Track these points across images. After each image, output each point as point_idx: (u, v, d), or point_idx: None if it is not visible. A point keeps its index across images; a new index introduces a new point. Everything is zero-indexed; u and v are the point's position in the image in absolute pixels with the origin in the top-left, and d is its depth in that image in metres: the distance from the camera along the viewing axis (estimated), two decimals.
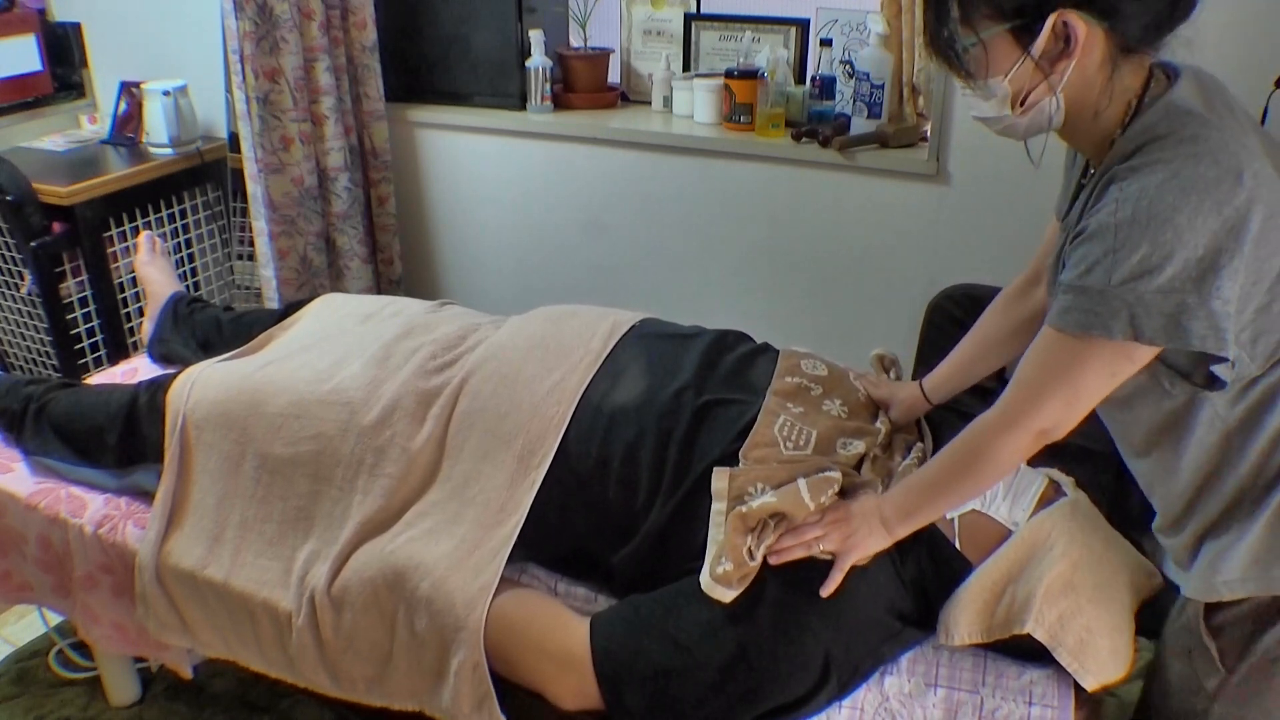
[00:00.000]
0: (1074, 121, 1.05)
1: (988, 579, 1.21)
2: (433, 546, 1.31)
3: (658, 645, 1.18)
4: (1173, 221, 0.92)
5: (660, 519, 1.29)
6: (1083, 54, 0.99)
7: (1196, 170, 0.93)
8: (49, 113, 2.75)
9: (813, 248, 2.22)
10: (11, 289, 2.52)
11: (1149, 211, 0.93)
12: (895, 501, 1.21)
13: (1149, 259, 0.93)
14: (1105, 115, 1.03)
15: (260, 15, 2.18)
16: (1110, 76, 1.01)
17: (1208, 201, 0.92)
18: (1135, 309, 0.94)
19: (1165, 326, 0.94)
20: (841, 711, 1.20)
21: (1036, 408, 1.05)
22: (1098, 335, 0.97)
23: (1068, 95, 1.02)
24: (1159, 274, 0.92)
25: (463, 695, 1.23)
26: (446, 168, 2.56)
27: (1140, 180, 0.95)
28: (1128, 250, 0.93)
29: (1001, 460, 1.11)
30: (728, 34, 2.36)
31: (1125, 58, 1.01)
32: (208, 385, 1.52)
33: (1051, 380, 1.04)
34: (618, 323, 1.53)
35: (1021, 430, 1.07)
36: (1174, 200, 0.92)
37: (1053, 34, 0.98)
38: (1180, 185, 0.93)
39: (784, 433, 1.33)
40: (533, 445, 1.36)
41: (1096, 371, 1.01)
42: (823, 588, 1.18)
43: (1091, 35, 0.98)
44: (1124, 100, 1.02)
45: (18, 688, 1.83)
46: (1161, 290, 0.93)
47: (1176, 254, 0.92)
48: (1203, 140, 0.95)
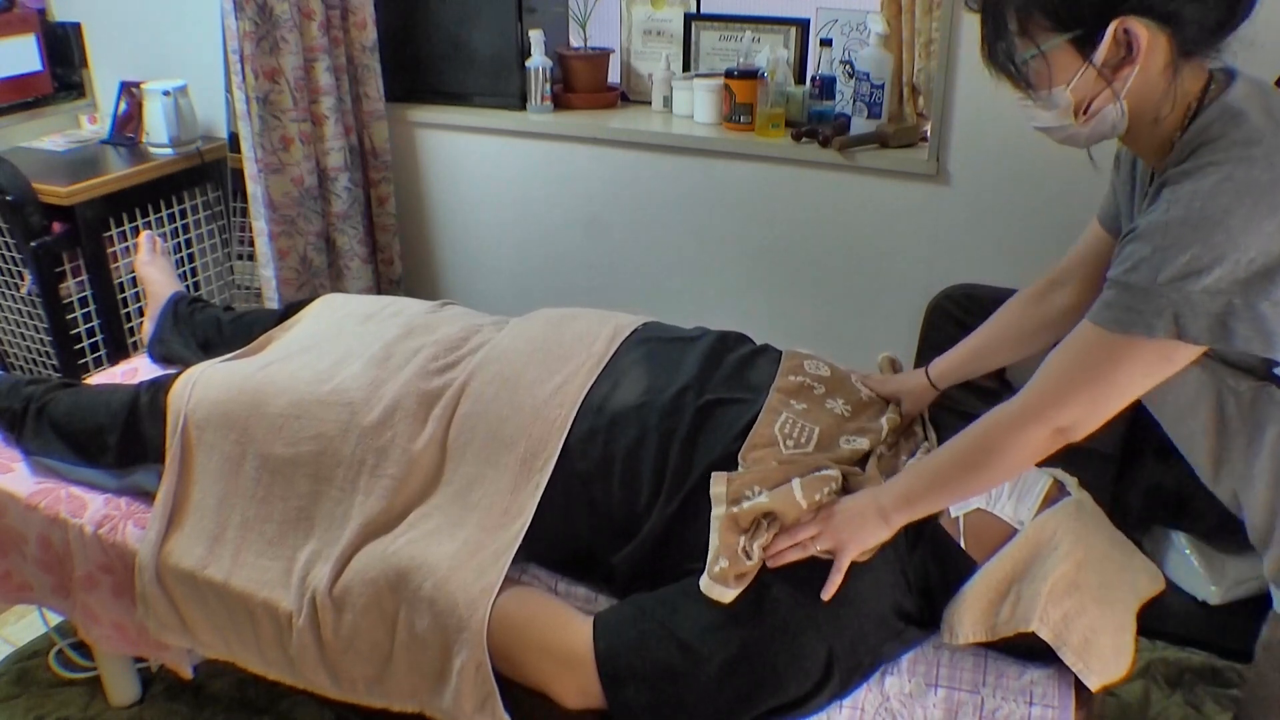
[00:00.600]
0: (1135, 127, 1.05)
1: (992, 578, 1.21)
2: (435, 548, 1.31)
3: (661, 644, 1.18)
4: (1224, 224, 0.92)
5: (662, 519, 1.29)
6: (1145, 60, 0.98)
7: (1250, 174, 0.93)
8: (49, 113, 2.75)
9: (813, 248, 2.22)
10: (11, 289, 2.52)
11: (1201, 213, 0.93)
12: (896, 489, 1.20)
13: (1199, 259, 0.92)
14: (1166, 119, 1.03)
15: (260, 15, 2.18)
16: (1172, 81, 1.00)
17: (1263, 205, 0.92)
18: (1180, 308, 0.94)
19: (1210, 327, 0.94)
20: (842, 711, 1.20)
21: (1061, 403, 1.04)
22: (1138, 334, 0.97)
23: (1130, 101, 1.02)
24: (1207, 275, 0.92)
25: (465, 695, 1.23)
26: (446, 168, 2.56)
27: (1193, 182, 0.95)
28: (1176, 250, 0.93)
29: (1013, 457, 1.10)
30: (728, 34, 2.36)
31: (1186, 61, 1.01)
32: (209, 386, 1.52)
33: (1082, 376, 1.03)
34: (620, 326, 1.53)
35: (1040, 425, 1.06)
36: (1227, 203, 0.92)
37: (1114, 41, 0.98)
38: (1234, 188, 0.93)
39: (785, 430, 1.33)
40: (535, 449, 1.36)
41: (1131, 371, 1.00)
42: (823, 590, 1.18)
43: (1153, 41, 0.98)
44: (1184, 104, 1.02)
45: (18, 688, 1.83)
46: (1209, 291, 0.93)
47: (1227, 256, 0.92)
48: (1257, 144, 0.95)
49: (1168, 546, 1.80)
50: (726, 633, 1.17)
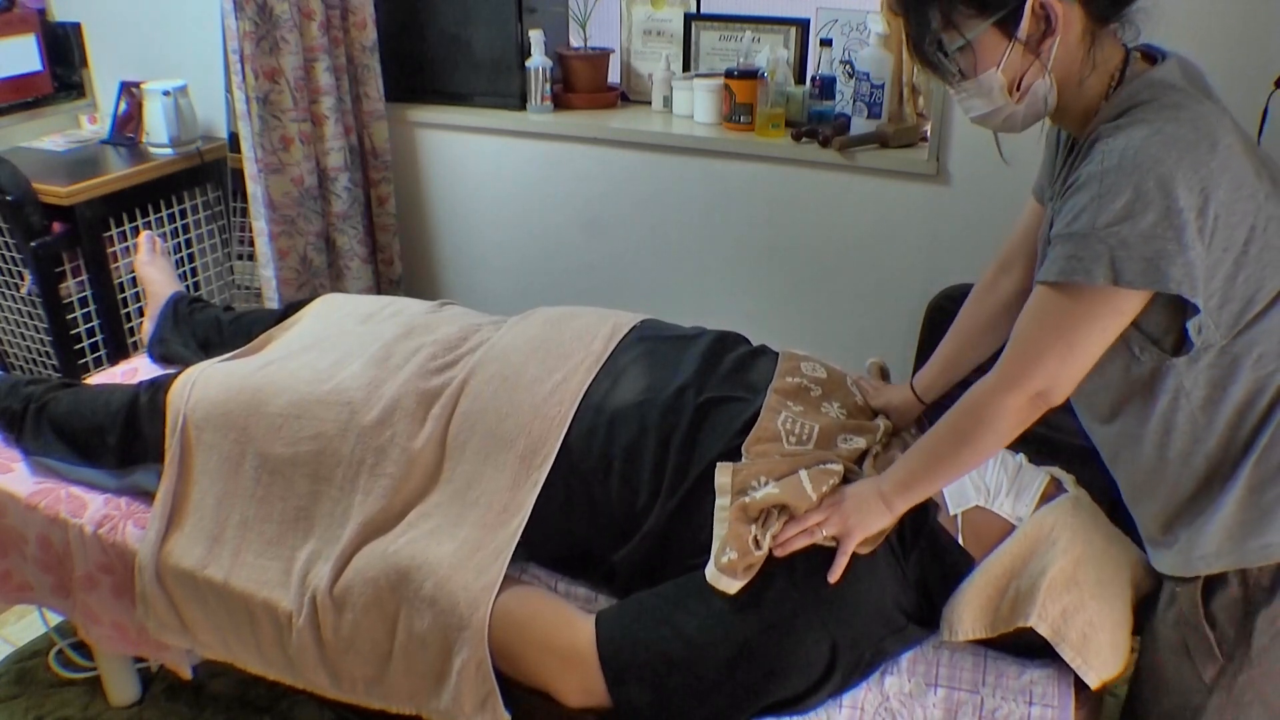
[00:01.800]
0: (1063, 98, 1.09)
1: (991, 574, 1.21)
2: (435, 547, 1.31)
3: (663, 640, 1.18)
4: (1155, 171, 0.96)
5: (662, 517, 1.29)
6: (1064, 30, 1.03)
7: (1178, 131, 0.98)
8: (49, 113, 2.75)
9: (813, 248, 2.22)
10: (11, 289, 2.52)
11: (1134, 160, 0.97)
12: (894, 475, 1.21)
13: (1132, 204, 0.96)
14: (1089, 87, 1.07)
15: (260, 15, 2.18)
16: (1091, 47, 1.05)
17: (1187, 159, 0.96)
18: (1116, 251, 0.97)
19: (1145, 270, 0.97)
20: (842, 711, 1.20)
21: (1033, 366, 1.07)
22: (1080, 281, 1.00)
23: (1056, 73, 1.06)
24: (1141, 219, 0.96)
25: (465, 694, 1.23)
26: (446, 168, 2.55)
27: (1125, 135, 0.99)
28: (1113, 195, 0.97)
29: (1000, 425, 1.11)
30: (728, 34, 2.36)
31: (1101, 28, 1.05)
32: (208, 385, 1.52)
33: (1042, 337, 1.06)
34: (618, 324, 1.53)
35: (1019, 391, 1.08)
36: (1157, 152, 0.96)
37: (1034, 16, 1.02)
38: (1163, 140, 0.97)
39: (787, 426, 1.33)
40: (535, 446, 1.36)
41: (1083, 324, 1.03)
42: (830, 573, 1.19)
43: (1068, 11, 1.03)
44: (1106, 73, 1.07)
45: (18, 688, 1.83)
46: (1144, 235, 0.96)
47: (1157, 202, 0.95)
48: (1184, 108, 1.00)
49: None
50: (729, 628, 1.17)
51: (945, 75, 1.10)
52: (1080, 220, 0.99)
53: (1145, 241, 0.96)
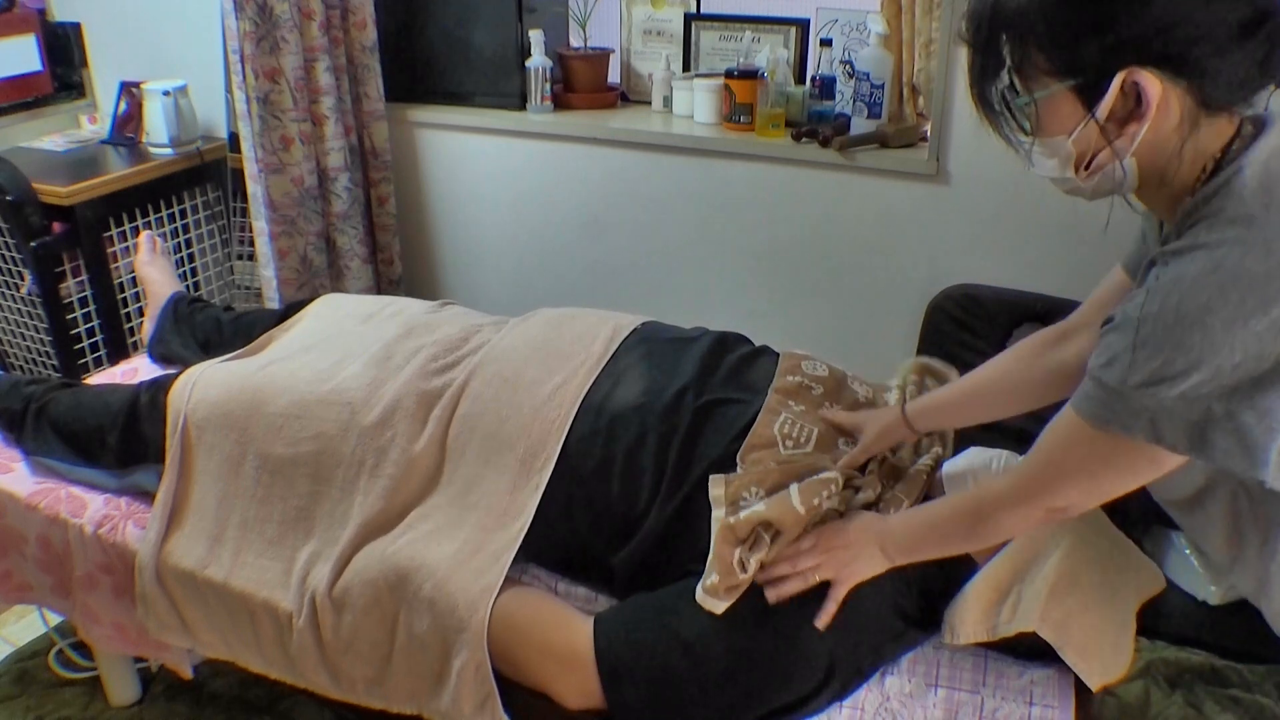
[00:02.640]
0: (1144, 185, 0.95)
1: (993, 577, 1.21)
2: (435, 548, 1.31)
3: (661, 644, 1.18)
4: (1203, 323, 0.81)
5: (660, 519, 1.29)
6: (1157, 115, 0.87)
7: (1243, 262, 0.81)
8: (49, 113, 2.75)
9: (813, 248, 2.22)
10: (11, 289, 2.52)
11: (1178, 309, 0.82)
12: (898, 536, 1.18)
13: (1171, 364, 0.83)
14: (1176, 180, 0.92)
15: (260, 15, 2.18)
16: (1185, 139, 0.89)
17: (1251, 301, 0.80)
18: (1156, 414, 0.85)
19: (1189, 435, 0.84)
20: (842, 712, 1.20)
21: (1052, 491, 0.99)
22: (1117, 432, 0.88)
23: (1139, 158, 0.91)
24: (1181, 381, 0.82)
25: (465, 696, 1.23)
26: (446, 168, 2.56)
27: (1178, 268, 0.84)
28: (1148, 351, 0.84)
29: (1006, 530, 1.08)
30: (728, 34, 2.36)
31: (1208, 117, 0.89)
32: (209, 386, 1.52)
33: (1070, 466, 0.96)
34: (619, 326, 1.53)
35: (1033, 507, 1.02)
36: (1208, 299, 0.81)
37: (1121, 94, 0.87)
38: (1219, 280, 0.81)
39: (784, 430, 1.33)
40: (535, 449, 1.36)
41: (1117, 469, 0.92)
42: (818, 619, 1.18)
43: (1168, 94, 0.86)
44: (1199, 164, 0.91)
45: (18, 688, 1.83)
46: (1185, 398, 0.83)
47: (1205, 361, 0.81)
48: (1255, 224, 0.82)
49: (1168, 546, 1.80)
50: (728, 634, 1.17)
51: (1000, 128, 0.96)
52: (1113, 370, 0.87)
53: (1188, 404, 0.83)
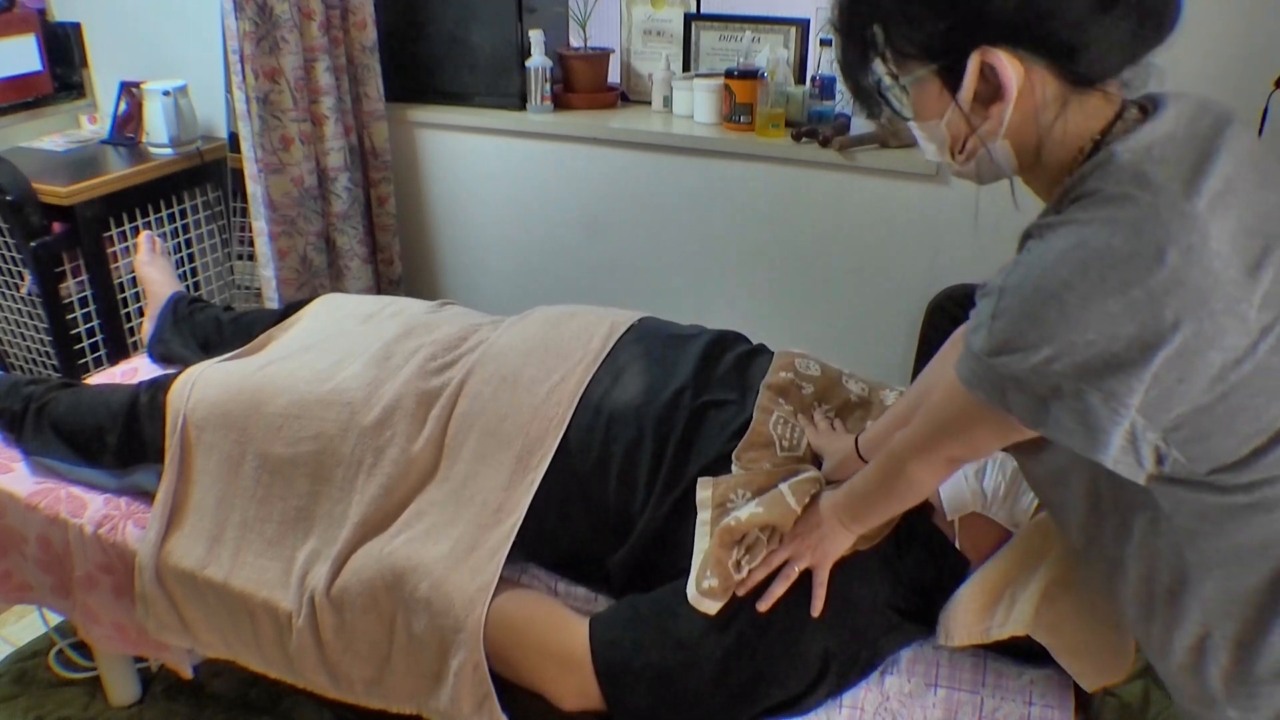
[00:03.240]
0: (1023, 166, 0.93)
1: (987, 580, 1.21)
2: (430, 547, 1.31)
3: (657, 643, 1.18)
4: (1060, 298, 0.79)
5: (656, 519, 1.29)
6: (1024, 95, 0.85)
7: (1110, 241, 0.78)
8: (49, 113, 2.75)
9: (813, 248, 2.22)
10: (11, 289, 2.52)
11: (1037, 282, 0.80)
12: (843, 506, 1.18)
13: (1024, 335, 0.81)
14: (1053, 160, 0.90)
15: (260, 15, 2.18)
16: (1055, 119, 0.87)
17: (1110, 280, 0.77)
18: (1006, 383, 0.84)
19: (1034, 409, 0.83)
20: (842, 711, 1.20)
21: (940, 444, 1.00)
22: (979, 396, 0.87)
23: (1011, 139, 0.89)
24: (1033, 353, 0.81)
25: (462, 696, 1.23)
26: (446, 168, 2.56)
27: (1047, 242, 0.83)
28: (1005, 321, 0.83)
29: (917, 482, 1.07)
30: (728, 34, 2.36)
31: (1080, 94, 0.87)
32: (208, 385, 1.52)
33: (951, 422, 0.97)
34: (616, 323, 1.53)
35: (932, 457, 1.03)
36: (1068, 274, 0.79)
37: (981, 76, 0.85)
38: (1082, 257, 0.79)
39: (778, 431, 1.33)
40: (532, 446, 1.36)
41: (986, 430, 0.93)
42: (812, 606, 1.19)
43: (1032, 73, 0.85)
44: (1075, 145, 0.88)
45: (18, 688, 1.83)
46: (1035, 370, 0.81)
47: (1058, 336, 0.79)
48: (1129, 203, 0.80)
49: None
50: (723, 631, 1.18)
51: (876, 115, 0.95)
52: (976, 337, 0.86)
53: (1037, 377, 0.81)
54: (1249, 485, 0.83)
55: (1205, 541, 0.87)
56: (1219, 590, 0.88)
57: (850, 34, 0.92)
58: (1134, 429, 0.81)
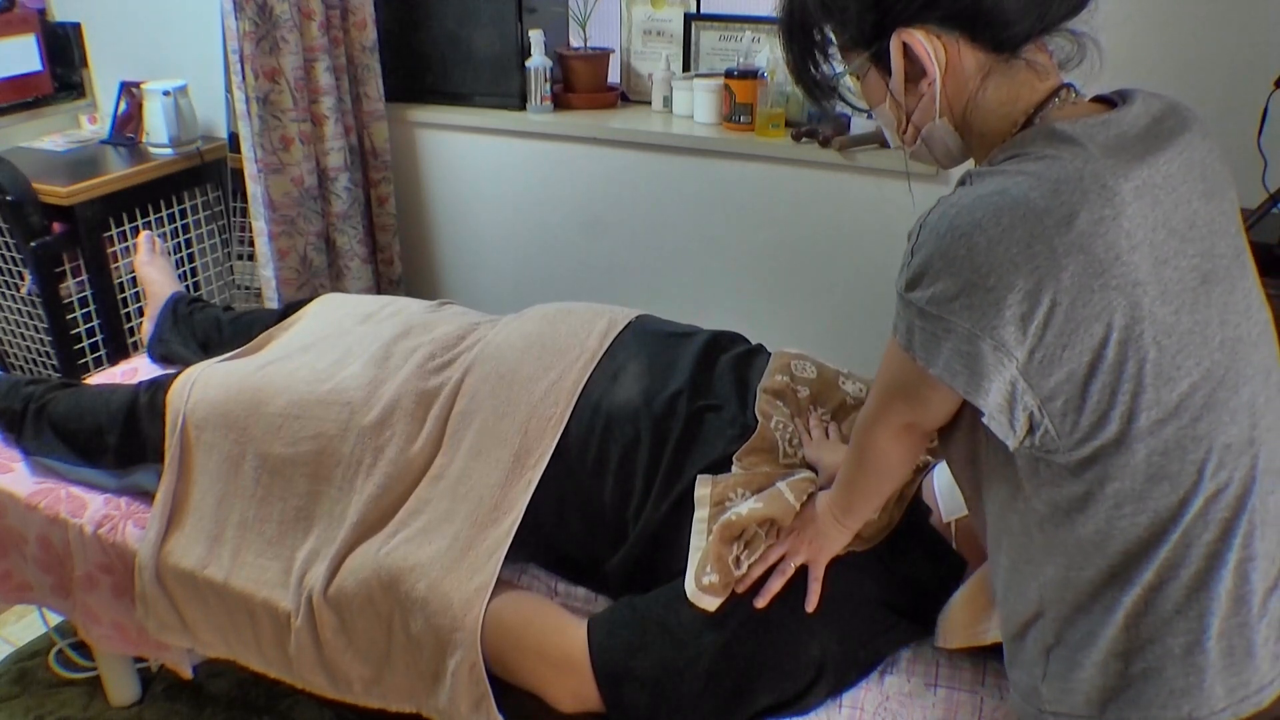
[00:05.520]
0: (967, 144, 0.95)
1: (983, 583, 1.21)
2: (426, 546, 1.31)
3: (655, 644, 1.18)
4: (970, 237, 0.80)
5: (653, 522, 1.29)
6: (952, 71, 0.89)
7: (1027, 194, 0.80)
8: (49, 113, 2.75)
9: (813, 248, 2.22)
10: (11, 289, 2.52)
11: (953, 220, 0.82)
12: (835, 499, 1.18)
13: (931, 268, 0.83)
14: (986, 132, 0.92)
15: (260, 15, 2.18)
16: (980, 88, 0.90)
17: (1019, 230, 0.79)
18: (913, 320, 0.86)
19: (927, 344, 0.85)
20: (842, 711, 1.20)
21: (889, 406, 1.00)
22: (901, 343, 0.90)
23: (949, 117, 0.92)
24: (936, 285, 0.82)
25: (460, 696, 1.23)
26: (446, 168, 2.56)
27: (973, 187, 0.85)
28: (920, 254, 0.85)
29: (884, 456, 1.06)
30: (728, 34, 2.36)
31: (1003, 65, 0.89)
32: (208, 385, 1.52)
33: (891, 381, 0.98)
34: (613, 320, 1.53)
35: (885, 425, 1.02)
36: (982, 216, 0.81)
37: (903, 56, 0.89)
38: (998, 203, 0.81)
39: (780, 433, 1.33)
40: (530, 445, 1.36)
41: (915, 383, 0.93)
42: (807, 601, 1.19)
43: (952, 48, 0.88)
44: (1009, 116, 0.91)
45: (18, 688, 1.83)
46: (934, 301, 0.83)
47: (960, 273, 0.81)
48: (1055, 164, 0.82)
49: None
50: (720, 631, 1.18)
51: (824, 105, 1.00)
52: (899, 278, 0.88)
53: (935, 310, 0.83)
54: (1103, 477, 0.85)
55: (1053, 530, 0.89)
56: (1056, 577, 0.91)
57: (794, 36, 0.98)
58: (1014, 389, 0.83)
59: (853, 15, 0.92)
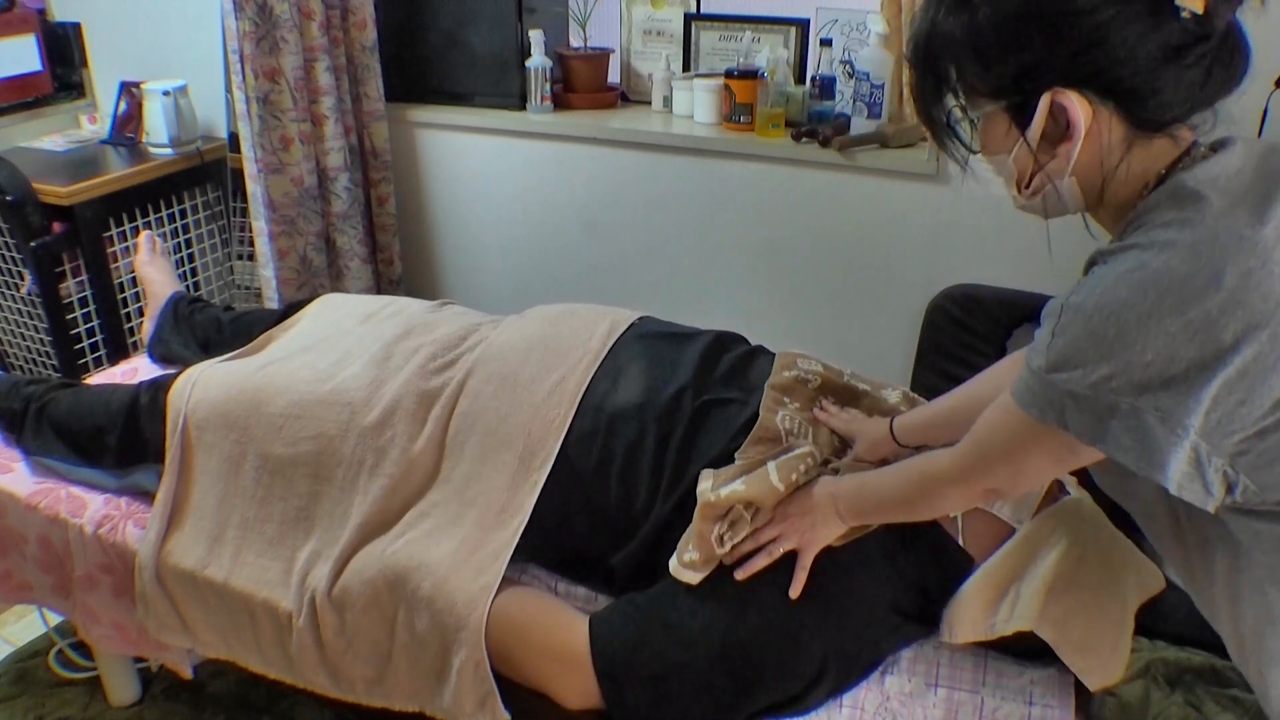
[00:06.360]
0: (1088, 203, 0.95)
1: (992, 576, 1.21)
2: (433, 547, 1.31)
3: (657, 641, 1.18)
4: (1119, 317, 0.80)
5: (658, 520, 1.29)
6: (1092, 135, 0.88)
7: (1169, 263, 0.80)
8: (49, 113, 2.75)
9: (813, 248, 2.22)
10: (11, 289, 2.52)
11: (1098, 301, 0.82)
12: (849, 500, 1.19)
13: (1083, 353, 0.82)
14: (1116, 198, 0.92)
15: (260, 15, 2.18)
16: (1121, 160, 0.89)
17: (1168, 301, 0.79)
18: (1065, 401, 0.85)
19: (1092, 426, 0.84)
20: (842, 711, 1.20)
21: (983, 474, 1.00)
22: (1034, 416, 0.88)
23: (1079, 177, 0.91)
24: (1092, 370, 0.82)
25: (465, 694, 1.23)
26: (446, 168, 2.56)
27: (1110, 265, 0.85)
28: (1065, 339, 0.84)
29: (945, 507, 1.09)
30: (728, 34, 2.36)
31: (1145, 137, 0.89)
32: (208, 385, 1.52)
33: (999, 450, 0.97)
34: (616, 322, 1.53)
35: (970, 487, 1.03)
36: (1127, 294, 0.80)
37: (1050, 115, 0.88)
38: (1141, 278, 0.80)
39: (785, 425, 1.33)
40: (534, 447, 1.36)
41: (1040, 454, 0.93)
42: (791, 588, 1.19)
43: (1099, 115, 0.87)
44: (1141, 181, 0.90)
45: (18, 688, 1.83)
46: (1094, 387, 0.82)
47: (1116, 355, 0.80)
48: (1189, 226, 0.81)
49: None
50: (722, 629, 1.18)
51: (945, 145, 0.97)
52: (1035, 355, 0.87)
53: (1095, 393, 0.82)
54: None
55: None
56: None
57: (925, 69, 0.95)
58: (1198, 453, 0.81)
59: (1001, 65, 0.89)
